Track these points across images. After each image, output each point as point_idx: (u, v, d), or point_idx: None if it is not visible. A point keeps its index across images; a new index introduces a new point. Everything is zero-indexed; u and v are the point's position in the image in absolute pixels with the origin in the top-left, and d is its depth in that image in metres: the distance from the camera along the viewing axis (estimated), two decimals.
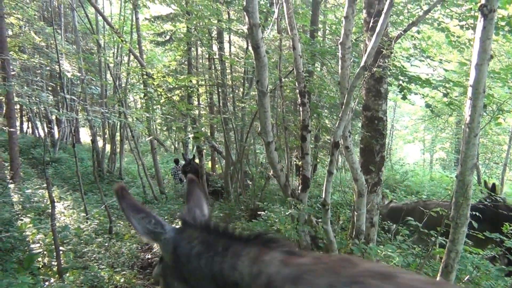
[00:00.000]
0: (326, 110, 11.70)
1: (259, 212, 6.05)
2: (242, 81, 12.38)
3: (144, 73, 9.79)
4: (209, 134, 12.80)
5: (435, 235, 4.27)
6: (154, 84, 9.61)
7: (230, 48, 13.93)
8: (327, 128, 10.21)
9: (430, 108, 5.87)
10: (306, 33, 10.07)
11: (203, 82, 12.02)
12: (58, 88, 17.28)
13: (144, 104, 12.71)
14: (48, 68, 14.92)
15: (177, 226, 1.55)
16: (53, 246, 5.29)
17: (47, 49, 15.18)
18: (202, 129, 11.58)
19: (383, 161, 5.76)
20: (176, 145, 26.94)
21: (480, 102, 2.92)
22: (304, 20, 9.84)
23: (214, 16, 8.57)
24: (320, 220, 5.62)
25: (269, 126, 5.05)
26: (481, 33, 2.81)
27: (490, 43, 2.84)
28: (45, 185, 8.30)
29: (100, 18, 13.38)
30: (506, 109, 6.94)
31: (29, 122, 23.49)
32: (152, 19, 14.07)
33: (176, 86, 10.73)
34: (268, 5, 10.71)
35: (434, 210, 4.78)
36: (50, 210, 5.46)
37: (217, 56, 10.14)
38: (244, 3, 4.26)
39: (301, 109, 5.74)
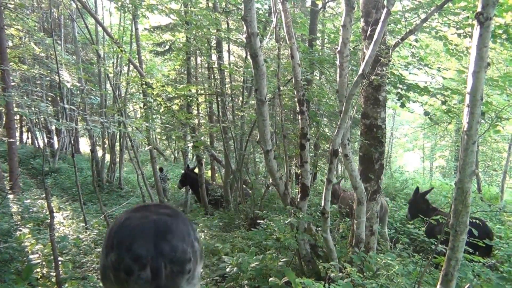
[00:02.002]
0: (325, 119, 11.73)
1: (258, 221, 6.04)
2: (241, 90, 12.41)
3: (144, 82, 9.82)
4: (208, 143, 12.80)
5: (435, 243, 4.25)
6: (153, 93, 9.63)
7: (229, 57, 13.99)
8: (326, 137, 10.23)
9: (429, 116, 5.88)
10: (304, 42, 10.13)
11: (202, 91, 12.04)
12: (58, 98, 17.33)
13: (143, 114, 12.73)
14: (47, 78, 15.00)
15: None
16: (52, 257, 5.26)
17: (47, 59, 15.23)
18: (202, 138, 11.58)
19: (382, 169, 5.75)
20: (176, 155, 26.93)
21: (478, 109, 2.93)
22: (303, 29, 9.90)
23: (213, 25, 8.61)
24: (319, 228, 5.60)
25: (268, 135, 5.05)
26: (478, 41, 2.83)
27: (487, 51, 2.86)
28: (44, 195, 8.28)
29: (99, 28, 13.46)
30: (504, 117, 6.95)
31: (29, 133, 23.54)
32: (151, 29, 14.15)
33: (176, 95, 10.75)
34: (267, 14, 10.79)
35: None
36: (49, 221, 5.44)
37: (216, 65, 10.17)
38: (242, 12, 4.28)
39: (299, 117, 5.74)
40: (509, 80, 6.38)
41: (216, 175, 16.30)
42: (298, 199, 5.64)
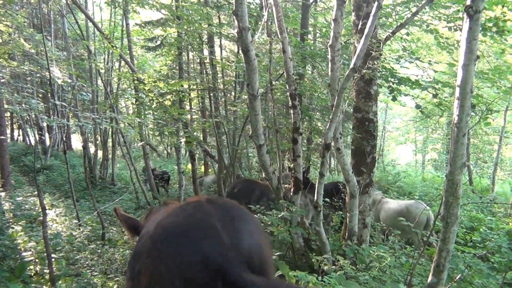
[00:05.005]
0: (317, 113, 11.74)
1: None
2: (234, 84, 12.39)
3: (135, 78, 9.77)
4: (201, 138, 12.79)
5: (427, 235, 4.30)
6: (145, 89, 9.58)
7: (221, 52, 13.94)
8: (318, 131, 10.25)
9: (420, 109, 5.91)
10: (296, 36, 10.12)
11: (194, 87, 12.00)
12: (49, 95, 17.20)
13: (135, 110, 12.67)
14: (38, 75, 14.83)
15: None
16: (45, 254, 5.25)
17: (37, 56, 15.08)
18: (194, 133, 11.56)
19: (375, 162, 5.79)
20: (169, 150, 26.86)
21: (467, 102, 2.95)
22: (294, 24, 9.89)
23: (204, 20, 8.57)
24: (312, 222, 5.63)
25: (260, 129, 5.06)
26: (467, 34, 2.85)
27: (476, 44, 2.88)
28: (36, 192, 8.24)
29: (90, 24, 13.35)
30: (495, 109, 7.01)
31: (20, 130, 23.35)
32: (142, 25, 14.04)
33: (168, 91, 10.71)
34: (258, 9, 10.76)
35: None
36: (41, 218, 5.41)
37: (208, 60, 10.14)
38: (234, 7, 4.27)
39: (292, 111, 5.76)
40: (499, 73, 6.44)
41: (210, 170, 16.29)
42: (291, 193, 5.66)
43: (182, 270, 0.68)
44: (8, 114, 19.10)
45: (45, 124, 17.92)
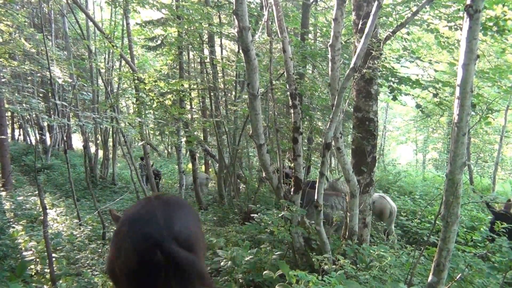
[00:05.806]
0: (318, 112, 11.73)
1: (252, 215, 6.06)
2: (234, 84, 12.39)
3: (136, 78, 9.77)
4: (202, 138, 12.78)
5: (427, 235, 4.29)
6: (146, 88, 9.58)
7: (221, 51, 13.94)
8: (319, 130, 10.25)
9: (421, 109, 5.90)
10: (296, 35, 10.12)
11: (195, 86, 12.00)
12: (49, 95, 17.20)
13: (136, 109, 12.67)
14: (39, 74, 14.85)
15: None
16: (46, 253, 5.25)
17: (38, 55, 15.08)
18: (195, 133, 11.56)
19: (375, 161, 5.79)
20: (169, 150, 26.87)
21: (467, 101, 2.95)
22: (295, 23, 9.88)
23: (204, 20, 8.57)
24: (313, 221, 5.63)
25: (261, 129, 5.05)
26: (467, 33, 2.85)
27: (476, 43, 2.88)
28: (37, 192, 8.25)
29: (91, 23, 13.35)
30: (495, 109, 7.00)
31: (21, 129, 23.36)
32: (143, 24, 14.02)
33: (168, 90, 10.71)
34: (258, 8, 10.76)
35: None
36: (42, 217, 5.42)
37: (208, 60, 10.14)
38: (234, 6, 4.27)
39: (292, 111, 5.75)
40: (499, 72, 6.42)
41: (210, 169, 16.29)
42: (291, 193, 5.66)
43: (133, 244, 0.98)
44: (8, 113, 19.11)
45: (45, 124, 17.94)
